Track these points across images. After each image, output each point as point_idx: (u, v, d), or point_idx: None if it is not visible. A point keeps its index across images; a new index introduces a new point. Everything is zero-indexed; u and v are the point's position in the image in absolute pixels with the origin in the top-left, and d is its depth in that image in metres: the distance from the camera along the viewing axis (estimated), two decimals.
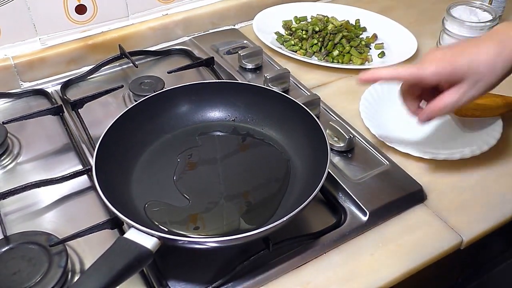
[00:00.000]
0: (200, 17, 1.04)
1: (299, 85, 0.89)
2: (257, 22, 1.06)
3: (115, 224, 0.64)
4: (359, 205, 0.68)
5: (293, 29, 1.04)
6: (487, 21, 0.92)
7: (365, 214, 0.67)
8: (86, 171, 0.72)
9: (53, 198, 0.71)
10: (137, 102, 0.73)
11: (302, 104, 0.71)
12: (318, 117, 0.72)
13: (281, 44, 1.02)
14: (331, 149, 0.74)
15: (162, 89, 0.84)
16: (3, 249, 0.61)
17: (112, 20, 0.97)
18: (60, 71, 0.94)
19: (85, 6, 0.93)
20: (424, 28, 1.07)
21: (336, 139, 0.76)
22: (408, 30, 1.03)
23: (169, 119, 0.75)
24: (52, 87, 0.91)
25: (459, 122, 0.82)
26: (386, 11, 1.11)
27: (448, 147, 0.77)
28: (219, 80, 0.89)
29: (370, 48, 1.02)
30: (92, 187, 0.72)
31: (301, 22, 1.08)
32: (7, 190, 0.68)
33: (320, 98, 0.82)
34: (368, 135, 0.79)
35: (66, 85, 0.90)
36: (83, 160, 0.76)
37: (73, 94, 0.89)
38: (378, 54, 1.00)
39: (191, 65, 0.93)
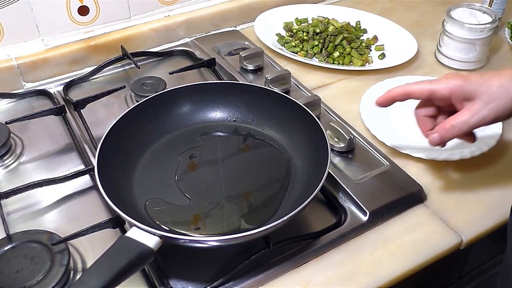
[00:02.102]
0: (201, 18, 1.04)
1: (300, 86, 0.89)
2: (258, 23, 1.06)
3: (116, 223, 0.65)
4: (359, 205, 0.68)
5: (294, 31, 1.05)
6: (487, 23, 0.92)
7: (365, 214, 0.67)
8: (88, 171, 0.72)
9: (55, 198, 0.72)
10: (138, 103, 0.73)
11: (303, 104, 0.72)
12: (318, 118, 0.73)
13: (282, 46, 1.03)
14: (332, 150, 0.74)
15: (164, 89, 0.84)
16: (6, 248, 0.62)
17: (114, 21, 0.98)
18: (62, 71, 0.94)
19: (88, 7, 0.93)
20: (424, 30, 1.07)
21: (336, 139, 0.76)
22: (409, 32, 1.03)
23: (171, 120, 0.75)
24: (55, 88, 0.92)
25: None
26: (386, 13, 1.12)
27: (448, 148, 0.77)
28: (221, 81, 0.89)
29: (371, 50, 1.02)
30: (94, 187, 0.73)
31: (302, 24, 1.08)
32: (10, 190, 0.68)
33: (320, 99, 0.82)
34: (369, 135, 0.80)
35: (68, 86, 0.91)
36: (85, 160, 0.76)
37: (76, 95, 0.89)
38: (379, 56, 1.00)
39: (193, 66, 0.93)
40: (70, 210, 0.70)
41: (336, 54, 0.98)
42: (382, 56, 1.00)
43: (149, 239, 0.54)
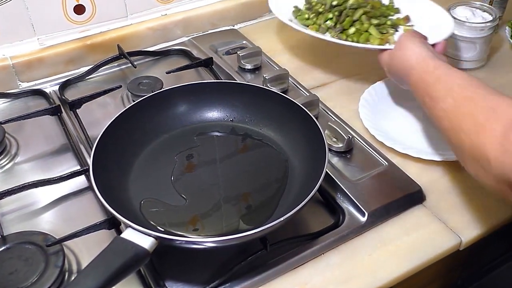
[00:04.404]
0: (199, 17, 1.04)
1: (298, 86, 0.89)
2: None
3: (112, 224, 0.64)
4: (358, 205, 0.67)
5: (313, 3, 0.94)
6: (487, 22, 0.92)
7: (363, 214, 0.67)
8: (84, 171, 0.72)
9: (50, 198, 0.71)
10: (135, 102, 0.73)
11: (301, 104, 0.71)
12: (317, 118, 0.72)
13: (295, 18, 0.93)
14: (330, 150, 0.74)
15: (161, 89, 0.84)
16: (0, 249, 0.61)
17: (110, 20, 0.97)
18: (58, 71, 0.94)
19: (84, 6, 0.93)
20: None
21: (335, 139, 0.75)
22: (450, 18, 0.89)
23: (167, 119, 0.75)
24: (50, 87, 0.91)
25: None
26: None
27: (448, 148, 0.76)
28: (218, 80, 0.89)
29: (397, 31, 0.89)
30: (89, 188, 0.72)
31: None
32: (5, 190, 0.67)
33: (319, 98, 0.82)
34: (367, 135, 0.79)
35: (64, 85, 0.90)
36: (80, 160, 0.76)
37: (71, 94, 0.89)
38: None
39: (190, 66, 0.93)
40: (66, 211, 0.70)
41: (352, 30, 0.87)
42: None
43: (144, 240, 0.54)
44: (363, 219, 0.66)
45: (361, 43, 0.84)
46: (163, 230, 0.62)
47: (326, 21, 0.89)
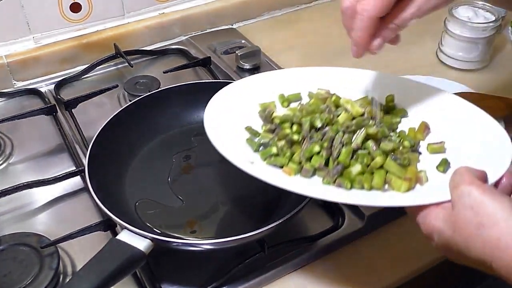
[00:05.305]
0: (197, 16, 1.03)
1: None
2: (212, 110, 0.60)
3: (107, 226, 0.64)
4: (357, 208, 0.67)
5: (277, 121, 0.59)
6: (489, 22, 0.91)
7: (362, 218, 0.66)
8: (79, 172, 0.71)
9: (45, 199, 0.71)
10: (131, 102, 0.73)
11: None
12: None
13: (254, 152, 0.57)
14: None
15: (158, 89, 0.84)
16: None
17: (107, 19, 0.97)
18: (54, 70, 0.93)
19: (80, 4, 0.92)
20: (425, 28, 1.06)
21: None
22: (478, 107, 0.58)
23: (164, 120, 0.75)
24: (46, 87, 0.91)
25: None
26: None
27: None
28: (216, 80, 0.88)
29: (420, 153, 0.57)
30: (85, 188, 0.72)
31: (292, 105, 0.63)
32: None
33: None
34: None
35: (60, 85, 0.90)
36: (76, 160, 0.75)
37: (67, 94, 0.88)
38: (438, 165, 0.54)
39: (188, 65, 0.92)
40: (61, 212, 0.70)
41: (356, 168, 0.53)
42: (445, 164, 0.53)
43: (140, 242, 0.54)
44: (362, 223, 0.66)
45: (377, 189, 0.52)
46: (159, 232, 0.62)
47: (311, 157, 0.55)
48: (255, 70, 0.92)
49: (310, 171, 0.53)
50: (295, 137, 0.56)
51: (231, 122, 0.60)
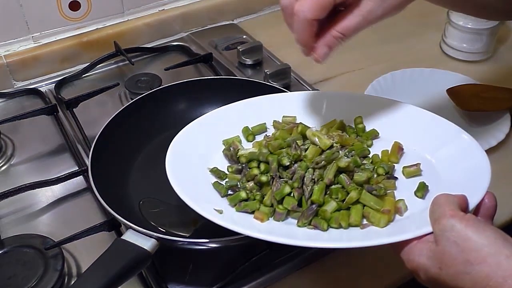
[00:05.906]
0: (197, 12, 1.03)
1: (300, 81, 0.88)
2: (174, 153, 0.58)
3: (112, 226, 0.64)
4: None
5: (244, 161, 0.57)
6: None
7: None
8: (82, 172, 0.71)
9: (48, 200, 0.71)
10: (133, 100, 0.73)
11: None
12: None
13: (223, 195, 0.55)
14: None
15: (159, 86, 0.83)
16: None
17: (107, 17, 0.96)
18: (54, 69, 0.93)
19: (79, 3, 0.92)
20: (429, 20, 1.05)
21: None
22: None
23: (167, 117, 0.74)
24: (46, 86, 0.91)
25: (465, 116, 0.80)
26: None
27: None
28: (218, 77, 0.88)
29: (396, 178, 0.55)
30: (88, 188, 0.72)
31: (257, 137, 0.62)
32: (1, 193, 0.67)
33: None
34: None
35: (60, 84, 0.89)
36: (78, 160, 0.75)
37: (68, 93, 0.88)
38: (416, 191, 0.53)
39: (189, 62, 0.92)
40: (64, 213, 0.69)
41: (331, 206, 0.51)
42: (423, 189, 0.53)
43: (145, 242, 0.54)
44: None
45: (355, 225, 0.50)
46: (164, 231, 0.61)
47: (282, 199, 0.52)
48: (257, 65, 0.92)
49: (283, 214, 0.51)
50: (263, 178, 0.53)
51: (194, 164, 0.58)
